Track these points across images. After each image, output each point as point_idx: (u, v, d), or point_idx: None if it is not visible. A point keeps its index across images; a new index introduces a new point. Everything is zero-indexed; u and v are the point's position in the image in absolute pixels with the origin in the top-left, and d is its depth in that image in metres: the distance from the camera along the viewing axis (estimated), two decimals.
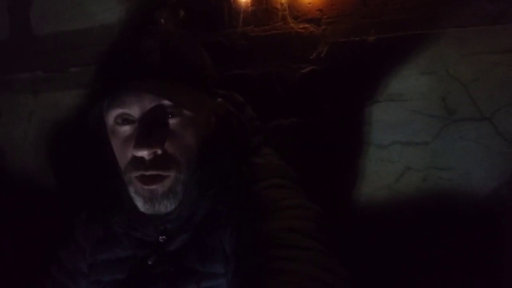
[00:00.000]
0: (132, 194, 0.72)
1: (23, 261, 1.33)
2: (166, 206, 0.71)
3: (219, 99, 0.79)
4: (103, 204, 0.83)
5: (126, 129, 0.69)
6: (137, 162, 0.67)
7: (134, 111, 0.67)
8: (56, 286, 0.87)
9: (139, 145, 0.65)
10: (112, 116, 0.70)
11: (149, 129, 0.65)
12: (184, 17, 1.17)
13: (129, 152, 0.68)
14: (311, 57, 1.10)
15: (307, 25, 1.10)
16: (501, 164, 1.01)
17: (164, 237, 0.76)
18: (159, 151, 0.66)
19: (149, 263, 0.76)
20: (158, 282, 0.74)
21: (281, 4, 1.10)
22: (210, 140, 0.75)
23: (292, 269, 0.54)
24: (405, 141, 1.07)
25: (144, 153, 0.65)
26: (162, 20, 1.16)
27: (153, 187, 0.68)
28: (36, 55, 1.37)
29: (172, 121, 0.67)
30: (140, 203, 0.71)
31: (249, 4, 1.12)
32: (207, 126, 0.75)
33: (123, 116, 0.69)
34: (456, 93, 1.01)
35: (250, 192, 0.70)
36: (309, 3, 1.08)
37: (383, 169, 1.10)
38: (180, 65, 0.69)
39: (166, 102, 0.66)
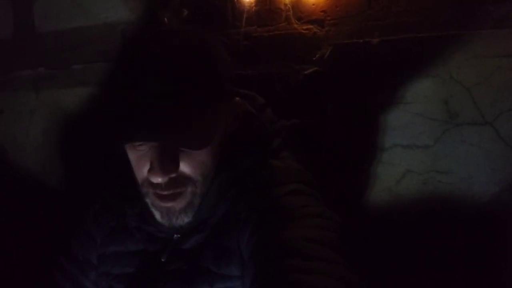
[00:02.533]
0: (149, 205, 0.72)
1: (24, 260, 1.33)
2: (183, 220, 0.71)
3: (237, 99, 0.77)
4: (118, 195, 0.83)
5: (142, 148, 0.68)
6: (153, 183, 0.68)
7: (150, 144, 0.67)
8: (65, 277, 0.87)
9: (154, 173, 0.65)
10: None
11: (163, 157, 0.65)
12: (187, 17, 1.17)
13: (144, 170, 0.68)
14: (314, 58, 1.10)
15: (310, 26, 1.10)
16: (503, 168, 1.00)
17: (178, 235, 0.75)
18: (174, 175, 0.67)
19: (162, 260, 0.75)
20: (170, 279, 0.74)
21: (285, 4, 1.10)
22: (230, 141, 0.75)
23: (309, 283, 0.54)
24: (407, 144, 1.07)
25: (159, 180, 0.66)
26: (166, 19, 1.16)
27: (170, 204, 0.69)
28: (39, 53, 1.37)
29: (185, 146, 0.67)
30: (157, 216, 0.72)
31: (253, 5, 1.12)
32: (224, 132, 0.74)
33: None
34: (458, 96, 1.01)
35: (270, 197, 0.70)
36: (313, 4, 1.08)
37: (384, 172, 1.10)
38: (195, 83, 0.66)
39: (180, 130, 0.64)
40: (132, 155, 0.70)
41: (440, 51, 1.01)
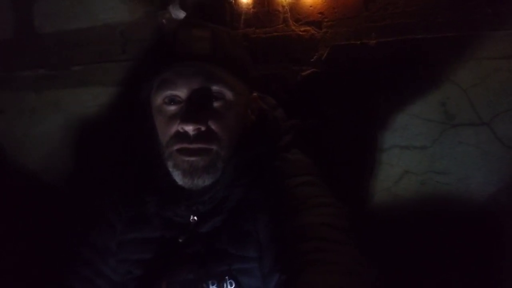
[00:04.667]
0: (171, 169, 0.76)
1: (24, 258, 1.34)
2: (204, 180, 0.74)
3: (254, 94, 0.84)
4: (136, 185, 0.87)
5: (172, 108, 0.74)
6: (181, 136, 0.73)
7: (182, 92, 0.73)
8: (84, 263, 0.89)
9: (186, 120, 0.71)
10: (161, 96, 0.75)
11: (195, 108, 0.71)
12: (185, 18, 1.18)
13: (173, 128, 0.73)
14: (311, 60, 1.10)
15: (308, 28, 1.10)
16: (500, 169, 1.01)
17: (195, 217, 0.78)
18: (203, 128, 0.72)
19: (180, 240, 0.78)
20: (188, 262, 0.76)
21: (283, 6, 1.10)
22: (247, 130, 0.81)
23: (329, 260, 0.60)
24: (404, 145, 1.07)
25: (190, 128, 0.71)
26: (164, 21, 1.17)
27: (195, 158, 0.73)
28: (39, 53, 1.38)
29: (216, 103, 0.73)
30: (179, 177, 0.75)
31: (251, 6, 1.12)
32: (244, 114, 0.80)
33: (171, 97, 0.74)
34: (455, 98, 1.02)
35: (286, 187, 0.75)
36: (311, 6, 1.08)
37: (382, 172, 1.10)
38: (226, 54, 0.75)
39: (212, 86, 0.72)
40: (162, 117, 0.76)
41: (437, 53, 1.01)
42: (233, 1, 1.13)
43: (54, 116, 1.38)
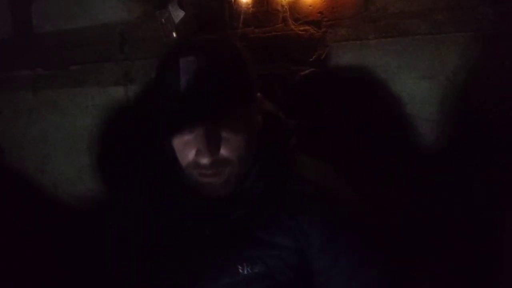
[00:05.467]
0: (192, 184, 0.84)
1: (22, 259, 1.33)
2: (220, 194, 0.83)
3: (258, 94, 0.88)
4: (158, 179, 0.94)
5: (187, 137, 0.81)
6: (198, 164, 0.81)
7: (194, 130, 0.79)
8: (106, 252, 0.96)
9: (202, 155, 0.79)
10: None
11: (209, 141, 0.79)
12: (185, 18, 1.18)
13: (190, 155, 0.81)
14: (310, 60, 1.10)
15: (307, 27, 1.10)
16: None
17: (218, 206, 0.85)
18: (216, 157, 0.80)
19: (205, 228, 0.85)
20: (215, 249, 0.84)
21: (282, 6, 1.10)
22: (256, 136, 0.87)
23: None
24: None
25: (205, 161, 0.79)
26: (163, 20, 1.17)
27: (212, 180, 0.82)
28: (37, 53, 1.37)
29: (225, 133, 0.80)
30: (200, 191, 0.84)
31: (250, 6, 1.12)
32: (252, 126, 0.86)
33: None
34: (455, 98, 1.01)
35: (321, 190, 0.84)
36: (310, 6, 1.08)
37: (383, 173, 1.10)
38: (231, 79, 0.79)
39: (222, 121, 0.79)
40: (178, 144, 0.83)
41: (437, 53, 1.01)
42: (232, 0, 1.13)
43: (52, 116, 1.37)
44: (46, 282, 1.28)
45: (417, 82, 1.03)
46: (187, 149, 0.82)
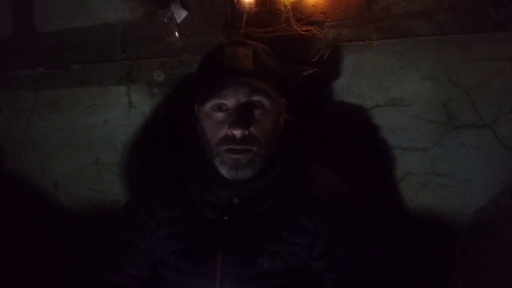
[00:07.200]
0: (218, 164, 0.90)
1: (22, 259, 1.33)
2: (246, 173, 0.88)
3: (283, 100, 0.96)
4: (180, 171, 1.00)
5: (221, 115, 0.88)
6: (229, 139, 0.87)
7: (230, 102, 0.87)
8: (123, 242, 0.98)
9: (234, 126, 0.86)
10: (211, 104, 0.88)
11: (241, 116, 0.86)
12: (187, 18, 1.18)
13: (222, 131, 0.88)
14: (313, 60, 1.10)
15: (310, 28, 1.10)
16: (502, 171, 1.01)
17: (237, 199, 0.91)
18: (247, 132, 0.86)
19: (225, 218, 0.90)
20: (235, 240, 0.88)
21: (285, 6, 1.10)
22: (280, 133, 0.95)
23: None
24: (406, 146, 1.07)
25: (238, 132, 0.86)
26: (166, 19, 1.16)
27: (239, 156, 0.87)
28: (38, 52, 1.37)
29: (256, 111, 0.88)
30: (225, 170, 0.89)
31: (253, 6, 1.12)
32: (278, 119, 0.94)
33: (219, 105, 0.88)
34: (457, 99, 1.02)
35: (335, 195, 0.93)
36: (313, 6, 1.08)
37: (383, 174, 1.10)
38: (265, 69, 0.89)
39: (254, 96, 0.86)
40: (211, 122, 0.90)
41: (439, 54, 1.01)
42: (235, 0, 1.13)
43: (53, 115, 1.37)
44: (46, 282, 1.27)
45: (420, 83, 1.03)
46: (220, 126, 0.88)
